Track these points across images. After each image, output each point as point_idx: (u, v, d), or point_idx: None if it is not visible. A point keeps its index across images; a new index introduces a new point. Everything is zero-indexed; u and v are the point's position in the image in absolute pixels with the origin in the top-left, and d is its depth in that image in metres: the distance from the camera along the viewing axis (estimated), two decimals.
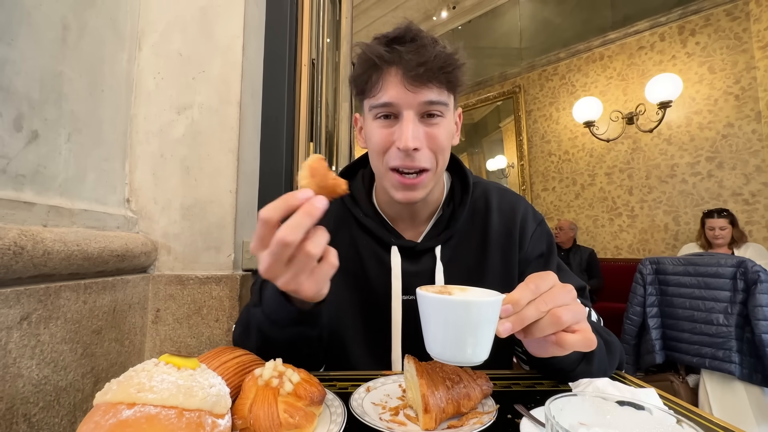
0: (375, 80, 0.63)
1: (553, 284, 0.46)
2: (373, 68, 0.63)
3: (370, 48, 0.63)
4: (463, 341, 0.41)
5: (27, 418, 0.62)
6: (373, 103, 0.64)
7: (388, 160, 0.64)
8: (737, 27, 3.31)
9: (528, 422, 0.44)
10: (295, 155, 1.31)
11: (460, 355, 0.41)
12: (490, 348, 0.42)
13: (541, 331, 0.44)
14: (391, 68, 0.61)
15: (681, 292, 2.02)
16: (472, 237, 0.75)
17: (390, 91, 0.62)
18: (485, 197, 0.77)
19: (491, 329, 0.41)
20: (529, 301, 0.44)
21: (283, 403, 0.41)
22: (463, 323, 0.40)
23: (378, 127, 0.65)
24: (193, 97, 1.03)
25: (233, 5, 1.06)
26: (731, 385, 1.83)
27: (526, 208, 0.78)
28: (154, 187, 1.01)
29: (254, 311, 0.58)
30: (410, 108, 0.61)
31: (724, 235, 2.79)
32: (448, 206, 0.75)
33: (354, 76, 0.67)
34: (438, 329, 0.42)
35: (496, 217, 0.76)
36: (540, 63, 4.56)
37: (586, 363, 0.58)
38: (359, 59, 0.65)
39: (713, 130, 3.40)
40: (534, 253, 0.75)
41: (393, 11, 4.98)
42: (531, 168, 4.66)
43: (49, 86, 0.73)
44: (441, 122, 0.64)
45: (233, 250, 1.01)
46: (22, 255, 0.59)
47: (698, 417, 0.47)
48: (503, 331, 0.42)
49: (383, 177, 0.68)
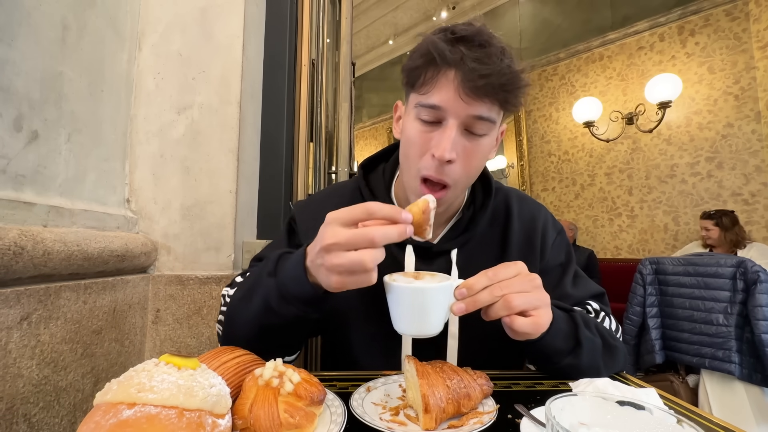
0: (429, 77, 0.58)
1: (517, 272, 0.51)
2: (430, 64, 0.58)
3: (433, 42, 0.57)
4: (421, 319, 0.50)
5: (27, 418, 0.62)
6: (420, 101, 0.59)
7: (420, 167, 0.61)
8: (737, 27, 3.32)
9: (528, 422, 0.44)
10: (295, 155, 1.31)
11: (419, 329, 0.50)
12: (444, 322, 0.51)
13: (495, 313, 0.50)
14: (450, 70, 0.57)
15: (681, 292, 2.02)
16: (492, 243, 0.73)
17: (441, 93, 0.57)
18: (506, 204, 0.76)
19: (444, 310, 0.50)
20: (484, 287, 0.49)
21: (283, 403, 0.41)
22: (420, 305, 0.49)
23: (418, 128, 0.61)
24: (193, 98, 1.03)
25: (233, 5, 1.06)
26: (731, 385, 1.83)
27: (546, 217, 0.77)
28: (154, 188, 1.01)
29: (267, 281, 0.56)
30: (457, 117, 0.57)
31: (710, 236, 2.96)
32: (469, 209, 0.73)
33: (408, 67, 0.62)
34: (402, 311, 0.51)
35: (516, 224, 0.74)
36: (540, 63, 4.56)
37: (573, 357, 0.58)
38: (419, 49, 0.60)
39: (713, 131, 3.40)
40: (554, 263, 0.75)
41: (393, 11, 4.99)
42: (531, 168, 4.66)
43: (49, 86, 0.73)
44: (484, 139, 0.60)
45: (233, 250, 1.01)
46: (22, 255, 0.59)
47: (698, 417, 0.47)
48: (456, 311, 0.49)
49: (411, 182, 0.65)
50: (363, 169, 0.78)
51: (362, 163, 0.79)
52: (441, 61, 0.57)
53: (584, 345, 0.58)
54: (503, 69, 0.55)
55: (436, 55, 0.57)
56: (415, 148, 0.61)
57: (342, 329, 0.71)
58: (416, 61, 0.60)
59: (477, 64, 0.54)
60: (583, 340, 0.58)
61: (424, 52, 0.59)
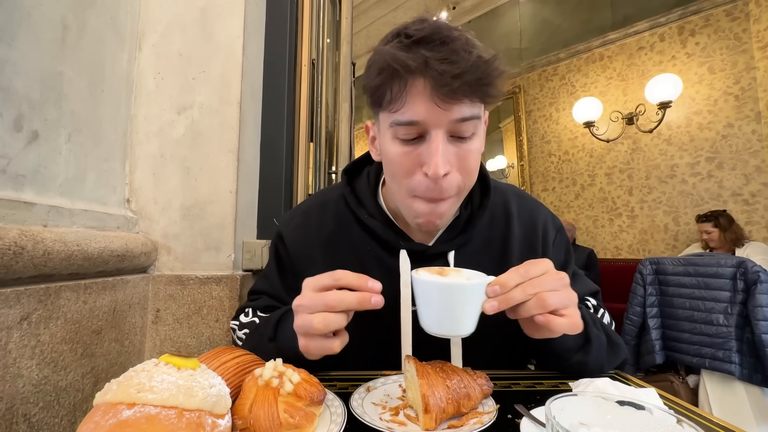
0: (396, 93, 0.52)
1: (546, 270, 0.49)
2: (394, 77, 0.52)
3: (389, 53, 0.51)
4: (453, 318, 0.47)
5: (27, 418, 0.62)
6: (394, 119, 0.53)
7: (413, 186, 0.56)
8: (737, 27, 3.31)
9: (528, 422, 0.44)
10: (295, 155, 1.31)
11: (451, 329, 0.48)
12: (476, 322, 0.48)
13: (527, 311, 0.47)
14: (418, 79, 0.51)
15: (681, 293, 2.02)
16: (492, 245, 0.70)
17: (416, 107, 0.51)
18: (504, 204, 0.73)
19: (477, 307, 0.47)
20: (517, 284, 0.47)
21: (283, 403, 0.41)
22: (453, 303, 0.46)
23: (399, 148, 0.55)
24: (193, 98, 1.03)
25: (233, 5, 1.06)
26: (731, 385, 1.83)
27: (545, 215, 0.75)
28: (154, 188, 1.01)
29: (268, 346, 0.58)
30: (439, 127, 0.52)
31: (712, 238, 2.98)
32: (466, 209, 0.69)
33: (370, 85, 0.55)
34: (431, 309, 0.48)
35: (516, 226, 0.71)
36: (540, 63, 4.56)
37: (583, 353, 0.59)
38: (375, 64, 0.54)
39: (713, 131, 3.40)
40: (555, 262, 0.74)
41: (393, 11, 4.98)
42: (531, 168, 4.66)
43: (49, 86, 0.73)
44: (473, 139, 0.55)
45: (233, 250, 1.01)
46: (22, 255, 0.59)
47: (698, 417, 0.47)
48: (489, 309, 0.46)
49: (404, 201, 0.60)
50: (347, 174, 0.73)
51: (345, 168, 0.74)
52: (405, 72, 0.51)
53: (593, 342, 0.58)
54: (475, 62, 0.49)
55: (398, 67, 0.50)
56: (402, 169, 0.56)
57: None
58: (376, 79, 0.53)
59: (445, 65, 0.48)
60: (592, 337, 0.58)
61: (382, 67, 0.52)
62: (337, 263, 0.61)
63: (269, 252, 0.78)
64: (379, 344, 0.67)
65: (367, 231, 0.69)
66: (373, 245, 0.68)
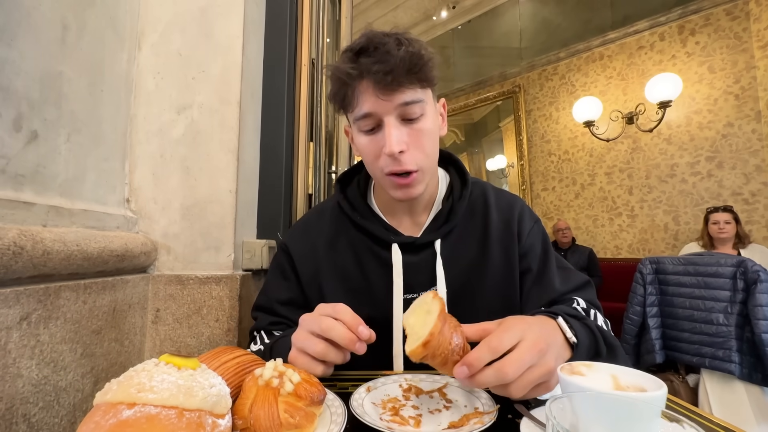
0: (350, 96, 0.65)
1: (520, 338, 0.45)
2: (345, 86, 0.65)
3: (339, 68, 0.64)
4: None
5: (27, 419, 0.62)
6: (354, 116, 0.67)
7: (382, 166, 0.67)
8: (737, 26, 3.31)
9: (528, 422, 0.44)
10: (294, 155, 1.31)
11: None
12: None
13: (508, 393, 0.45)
14: (362, 81, 0.63)
15: (681, 292, 2.02)
16: (473, 232, 0.77)
17: (367, 102, 0.64)
18: (483, 195, 0.81)
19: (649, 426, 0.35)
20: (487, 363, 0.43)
21: (283, 403, 0.41)
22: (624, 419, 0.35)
23: (365, 138, 0.68)
24: (192, 97, 1.03)
25: (233, 5, 1.06)
26: (731, 384, 1.83)
27: (522, 206, 0.81)
28: (154, 187, 1.01)
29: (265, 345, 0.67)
30: (389, 113, 0.64)
31: (729, 229, 2.76)
32: (447, 201, 0.78)
33: (332, 94, 0.69)
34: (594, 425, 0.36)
35: (495, 213, 0.79)
36: (540, 63, 4.56)
37: None
38: (332, 79, 0.67)
39: (713, 130, 3.40)
40: (532, 248, 0.77)
41: (393, 11, 4.98)
42: (531, 168, 4.66)
43: (49, 86, 0.73)
44: (423, 119, 0.66)
45: (233, 250, 1.01)
46: (22, 255, 0.59)
47: (698, 417, 0.47)
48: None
49: (381, 181, 0.71)
50: (340, 183, 0.84)
51: (338, 178, 0.85)
52: (352, 79, 0.64)
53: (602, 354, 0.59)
54: (403, 56, 0.60)
55: (346, 77, 0.64)
56: (370, 155, 0.68)
57: None
58: (335, 88, 0.67)
59: (379, 65, 0.60)
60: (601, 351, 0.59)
61: (337, 79, 0.66)
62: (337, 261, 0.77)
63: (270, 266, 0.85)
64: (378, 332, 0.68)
65: (361, 230, 0.78)
66: (368, 242, 0.77)
